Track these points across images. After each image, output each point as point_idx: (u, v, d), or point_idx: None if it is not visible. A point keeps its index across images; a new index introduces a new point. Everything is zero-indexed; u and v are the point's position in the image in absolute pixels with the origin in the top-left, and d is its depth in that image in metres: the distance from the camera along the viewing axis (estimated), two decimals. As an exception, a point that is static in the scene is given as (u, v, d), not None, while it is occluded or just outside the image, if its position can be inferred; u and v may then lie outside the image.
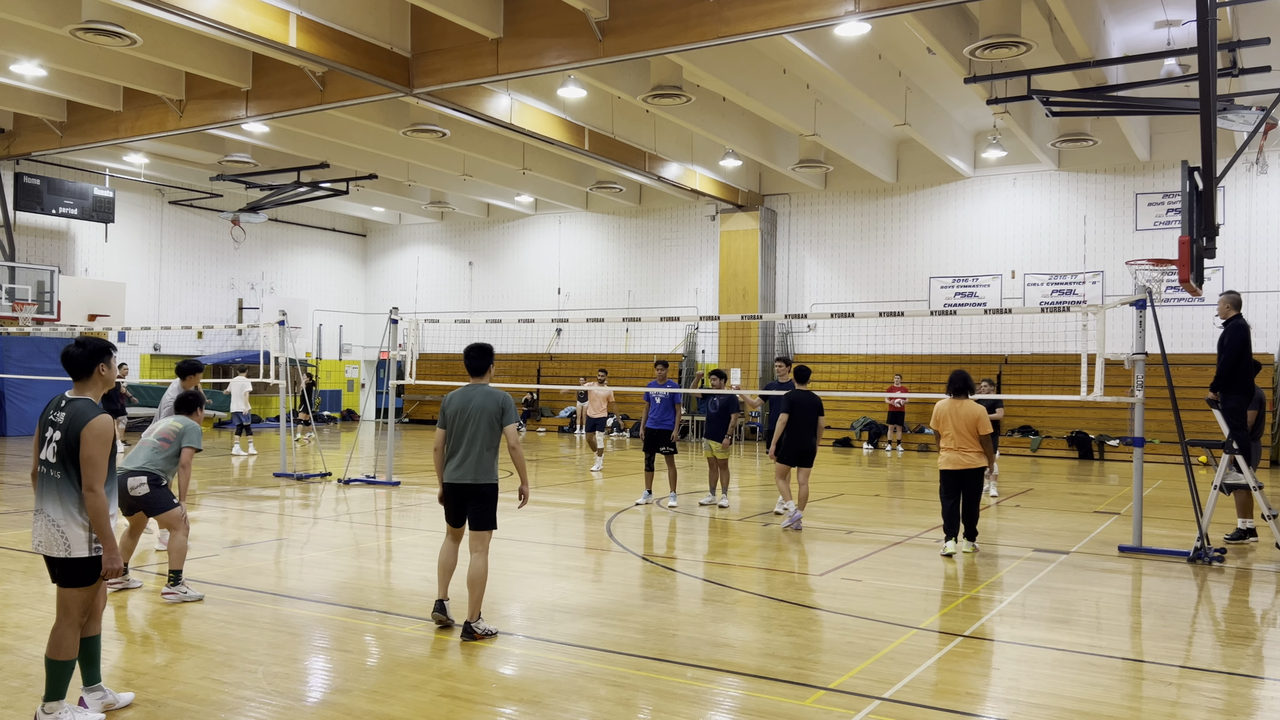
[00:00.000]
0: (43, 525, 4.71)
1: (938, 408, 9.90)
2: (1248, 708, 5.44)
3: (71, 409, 4.70)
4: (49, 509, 4.70)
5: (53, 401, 4.84)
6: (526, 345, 30.32)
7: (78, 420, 4.65)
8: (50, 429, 4.73)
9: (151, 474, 7.51)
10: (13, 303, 23.20)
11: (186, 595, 7.34)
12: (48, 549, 4.70)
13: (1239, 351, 10.00)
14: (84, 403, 4.73)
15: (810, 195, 27.16)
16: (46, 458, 4.74)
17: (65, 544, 4.67)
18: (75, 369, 4.82)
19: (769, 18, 13.65)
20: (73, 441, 4.64)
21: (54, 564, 4.75)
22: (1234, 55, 14.28)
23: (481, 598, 6.54)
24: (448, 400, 6.71)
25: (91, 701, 4.96)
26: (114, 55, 17.68)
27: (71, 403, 4.73)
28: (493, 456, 6.61)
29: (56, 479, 4.69)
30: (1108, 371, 10.38)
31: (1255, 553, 10.05)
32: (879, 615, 7.25)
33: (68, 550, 4.67)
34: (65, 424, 4.67)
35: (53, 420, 4.73)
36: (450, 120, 20.72)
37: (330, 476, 15.52)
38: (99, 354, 4.83)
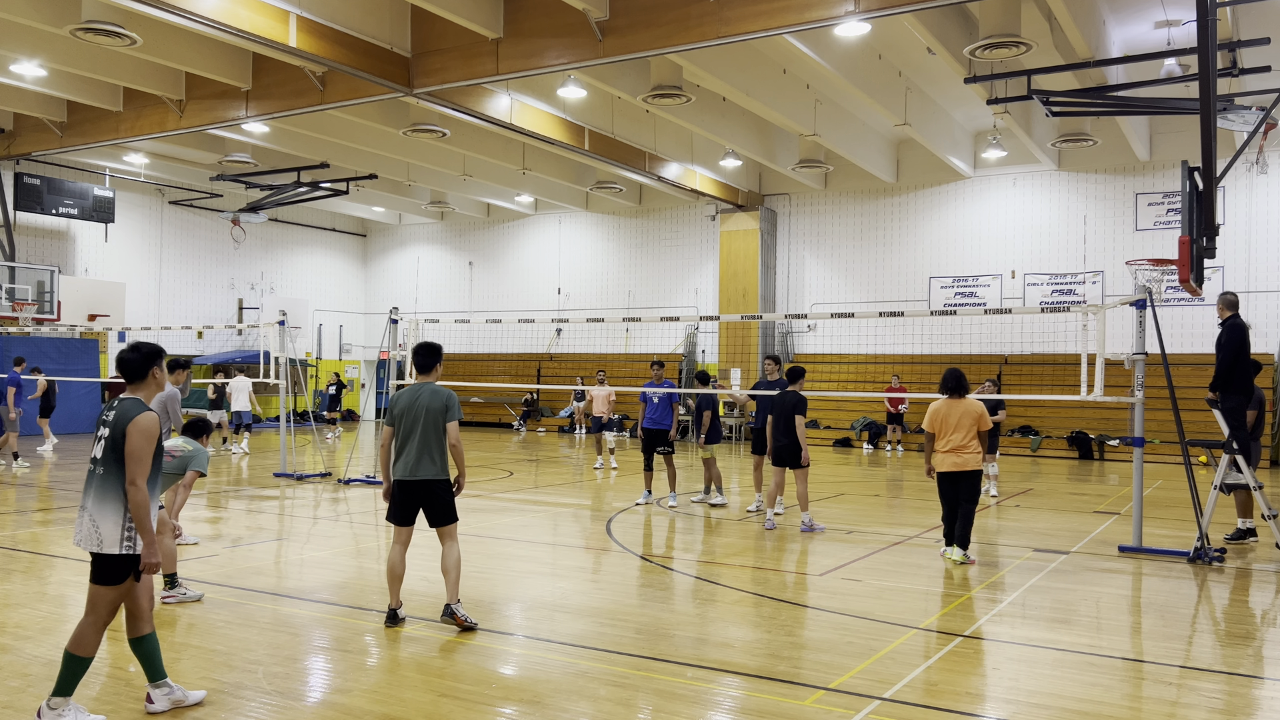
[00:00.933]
0: (83, 521, 4.79)
1: (933, 409, 9.54)
2: (1248, 708, 5.44)
3: (120, 408, 4.82)
4: (89, 504, 4.79)
5: (107, 403, 5.00)
6: (526, 345, 30.33)
7: (124, 418, 4.76)
8: (101, 427, 4.86)
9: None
10: (13, 303, 23.21)
11: (186, 595, 7.35)
12: (85, 544, 4.78)
13: (1236, 351, 9.99)
14: (132, 402, 4.85)
15: (810, 195, 27.16)
16: (95, 455, 4.86)
17: (99, 539, 4.74)
18: (129, 372, 4.96)
19: (769, 18, 13.65)
20: (118, 438, 4.74)
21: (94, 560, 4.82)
22: (1234, 55, 14.28)
23: (459, 580, 6.73)
24: (395, 398, 6.80)
25: (158, 697, 5.02)
26: (114, 55, 17.68)
27: (121, 402, 4.86)
28: (441, 453, 6.71)
29: (100, 475, 4.80)
30: (1108, 371, 10.37)
31: (1255, 553, 10.05)
32: (879, 615, 7.25)
33: (99, 545, 4.73)
34: (113, 422, 4.79)
35: (104, 419, 4.87)
36: (450, 120, 20.72)
37: (330, 476, 15.52)
38: (153, 357, 4.98)
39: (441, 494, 6.71)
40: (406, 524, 6.79)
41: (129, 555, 4.76)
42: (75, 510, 12.18)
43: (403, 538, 6.83)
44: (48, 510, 12.18)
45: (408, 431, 6.66)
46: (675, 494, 12.99)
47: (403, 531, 6.82)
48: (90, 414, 24.99)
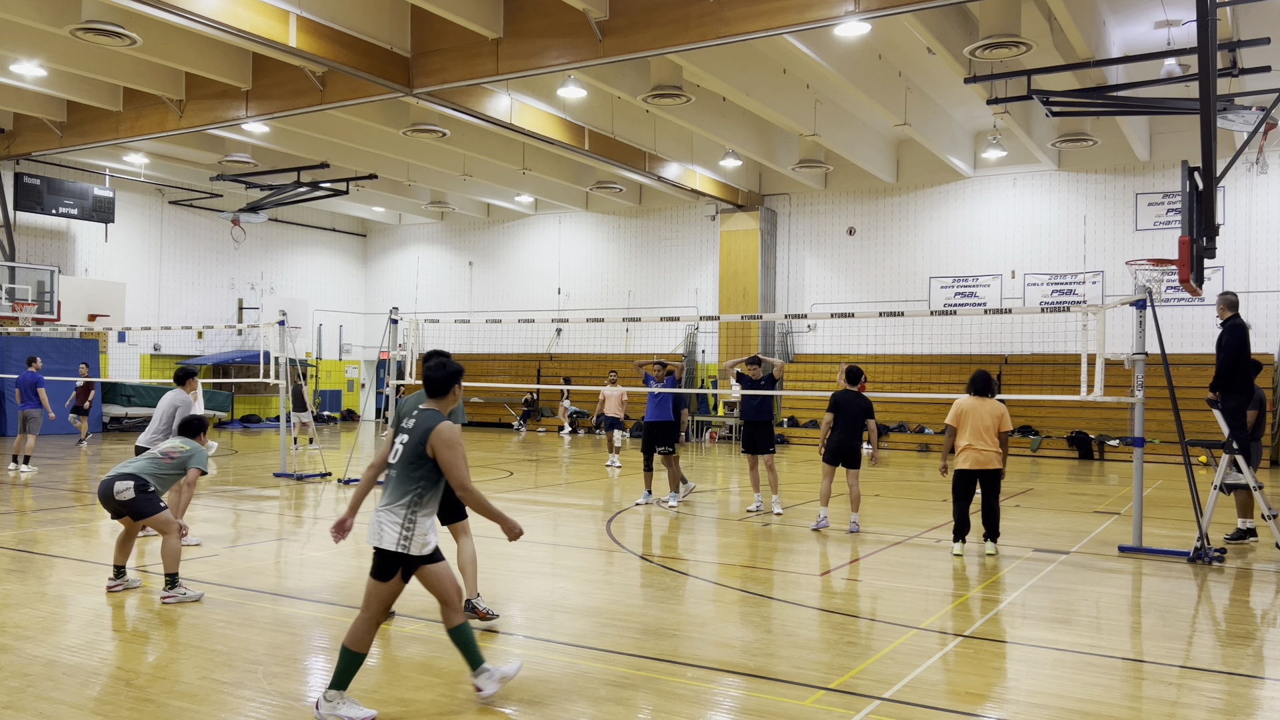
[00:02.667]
0: (377, 517, 5.07)
1: (958, 404, 9.72)
2: (1248, 708, 5.44)
3: (420, 418, 5.15)
4: (382, 503, 5.09)
5: (406, 407, 5.35)
6: (526, 345, 30.33)
7: (422, 428, 5.09)
8: (401, 434, 5.20)
9: (139, 479, 7.46)
10: (13, 303, 23.21)
11: (185, 596, 7.34)
12: (372, 539, 5.05)
13: (1237, 351, 9.99)
14: (431, 413, 5.16)
15: (810, 195, 27.16)
16: (391, 459, 5.19)
17: (379, 535, 5.01)
18: (434, 388, 5.32)
19: (769, 18, 13.66)
20: (417, 445, 5.06)
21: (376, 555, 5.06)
22: (1234, 55, 14.29)
23: (476, 575, 6.76)
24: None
25: (484, 684, 5.21)
26: (114, 55, 17.68)
27: (422, 413, 5.18)
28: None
29: (393, 477, 5.12)
30: (1108, 371, 10.37)
31: (1255, 553, 10.05)
32: (879, 615, 7.25)
33: (379, 540, 5.00)
34: (413, 430, 5.12)
35: (404, 427, 5.20)
36: (450, 120, 20.73)
37: (330, 476, 15.52)
38: (456, 376, 5.38)
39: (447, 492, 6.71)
40: None
41: (402, 554, 4.97)
42: (75, 510, 12.21)
43: None
44: (48, 510, 12.19)
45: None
46: (676, 494, 12.99)
47: None
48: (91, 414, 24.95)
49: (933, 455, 22.91)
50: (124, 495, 7.40)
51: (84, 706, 5.10)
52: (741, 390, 12.42)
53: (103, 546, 9.81)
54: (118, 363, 27.61)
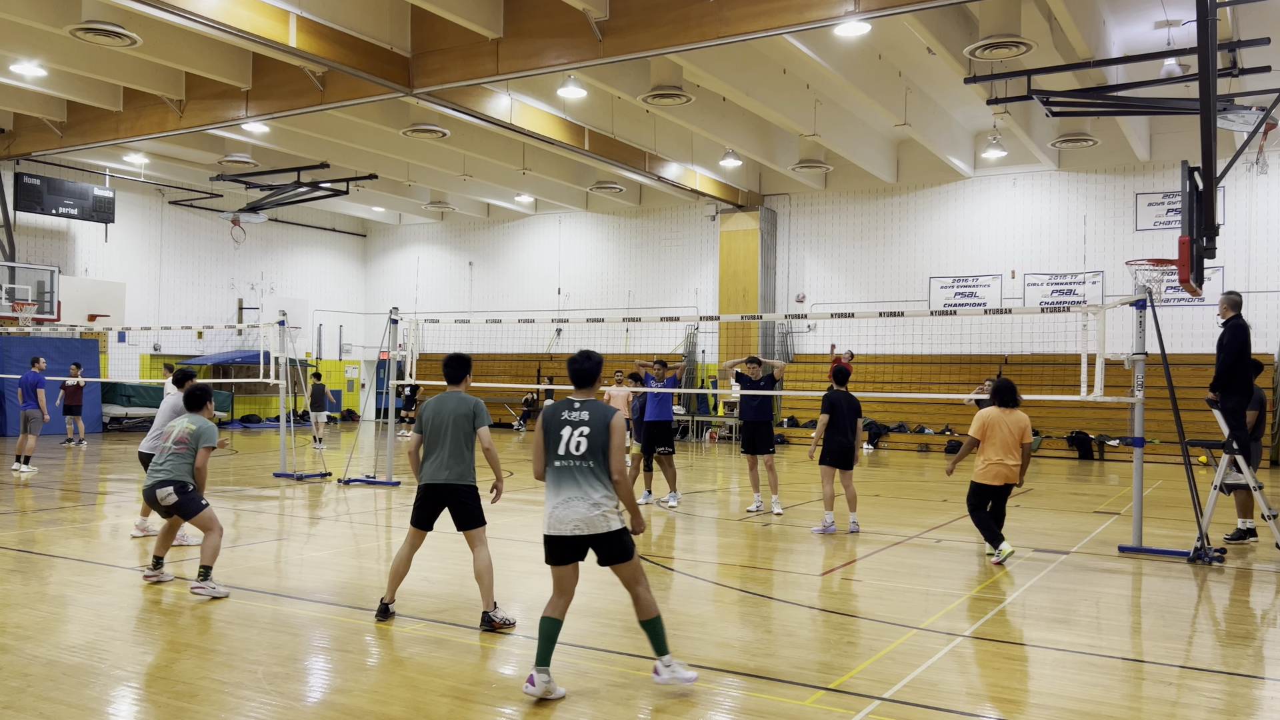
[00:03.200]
0: (585, 509, 5.32)
1: (984, 417, 9.15)
2: (1248, 708, 5.44)
3: (593, 409, 5.42)
4: (590, 494, 5.33)
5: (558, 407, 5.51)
6: (526, 345, 30.33)
7: (602, 419, 5.39)
8: (568, 428, 5.40)
9: (178, 482, 7.71)
10: (13, 303, 23.21)
11: (215, 591, 7.49)
12: (591, 528, 5.31)
13: (1238, 351, 9.99)
14: (600, 404, 5.47)
15: (810, 195, 27.16)
16: (572, 452, 5.37)
17: (606, 522, 5.34)
18: (583, 379, 5.59)
19: (769, 18, 13.66)
20: (602, 435, 5.36)
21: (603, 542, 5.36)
22: (1234, 55, 14.29)
23: (492, 586, 6.74)
24: (425, 406, 6.94)
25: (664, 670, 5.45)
26: (114, 55, 17.68)
27: (585, 405, 5.44)
28: (470, 458, 6.85)
29: (586, 467, 5.36)
30: (1108, 371, 10.37)
31: (1255, 553, 10.05)
32: (879, 615, 7.25)
33: (606, 525, 5.34)
34: (591, 422, 5.38)
35: (570, 420, 5.42)
36: (450, 120, 20.73)
37: (330, 476, 15.52)
38: (600, 367, 5.64)
39: (466, 498, 6.75)
40: (425, 528, 6.84)
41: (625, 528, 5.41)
42: (73, 511, 12.20)
43: (417, 540, 6.87)
44: (48, 510, 12.18)
45: (437, 436, 6.76)
46: (676, 494, 12.99)
47: (419, 535, 6.86)
48: (91, 414, 24.98)
49: (933, 455, 22.91)
50: (169, 500, 7.68)
51: (84, 706, 5.10)
52: (741, 390, 12.41)
53: (103, 546, 9.81)
54: (118, 363, 27.61)
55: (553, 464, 5.45)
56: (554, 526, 5.37)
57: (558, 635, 5.39)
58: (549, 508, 5.41)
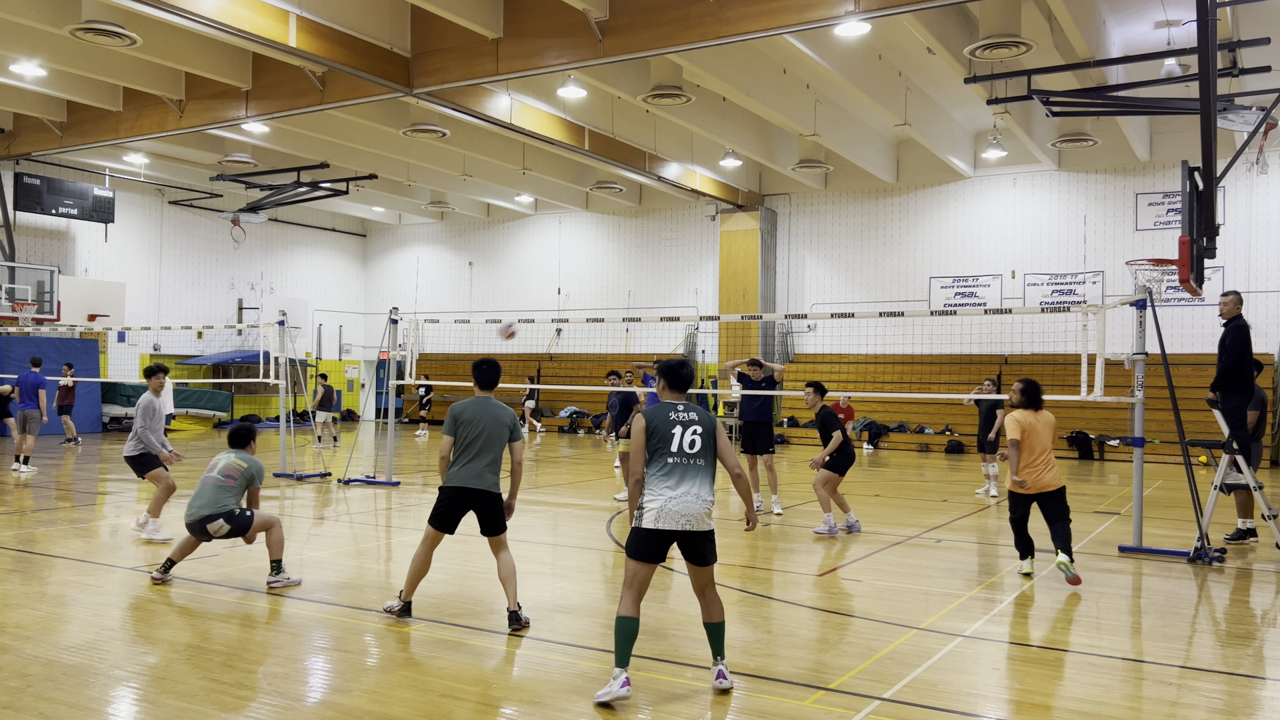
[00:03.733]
0: (699, 506, 5.46)
1: (1020, 419, 8.52)
2: (1248, 708, 5.44)
3: (700, 412, 5.65)
4: (700, 491, 5.49)
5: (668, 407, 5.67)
6: (527, 345, 30.34)
7: (710, 421, 5.66)
8: (679, 428, 5.56)
9: (226, 512, 7.88)
10: (13, 303, 23.21)
11: (289, 580, 7.88)
12: (698, 524, 5.44)
13: (1240, 352, 9.98)
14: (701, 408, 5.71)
15: (810, 195, 27.16)
16: (687, 450, 5.52)
17: (709, 520, 5.54)
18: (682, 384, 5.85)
19: (769, 18, 13.66)
20: (712, 436, 5.60)
21: (701, 538, 5.48)
22: (1234, 55, 14.29)
23: (517, 585, 6.87)
24: (460, 409, 6.85)
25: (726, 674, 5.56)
26: (114, 55, 17.68)
27: (691, 407, 5.67)
28: (499, 467, 6.89)
29: (700, 465, 5.53)
30: (1108, 371, 10.37)
31: (1255, 553, 10.05)
32: (879, 615, 7.25)
33: (709, 525, 5.52)
34: (700, 422, 5.60)
35: (680, 420, 5.58)
36: (450, 120, 20.73)
37: (330, 476, 15.52)
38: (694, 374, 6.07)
39: (496, 505, 6.82)
40: (449, 530, 6.83)
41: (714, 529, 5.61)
42: (74, 511, 12.19)
43: (436, 541, 6.86)
44: (48, 510, 12.18)
45: (472, 441, 6.77)
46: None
47: (438, 536, 6.83)
48: (91, 414, 24.99)
49: (933, 455, 22.90)
50: (221, 533, 7.88)
51: (84, 706, 5.09)
52: (742, 390, 12.40)
53: (103, 546, 9.81)
54: (117, 363, 27.61)
55: (665, 460, 5.51)
56: (661, 521, 5.38)
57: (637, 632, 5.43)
58: (659, 502, 5.41)
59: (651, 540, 5.42)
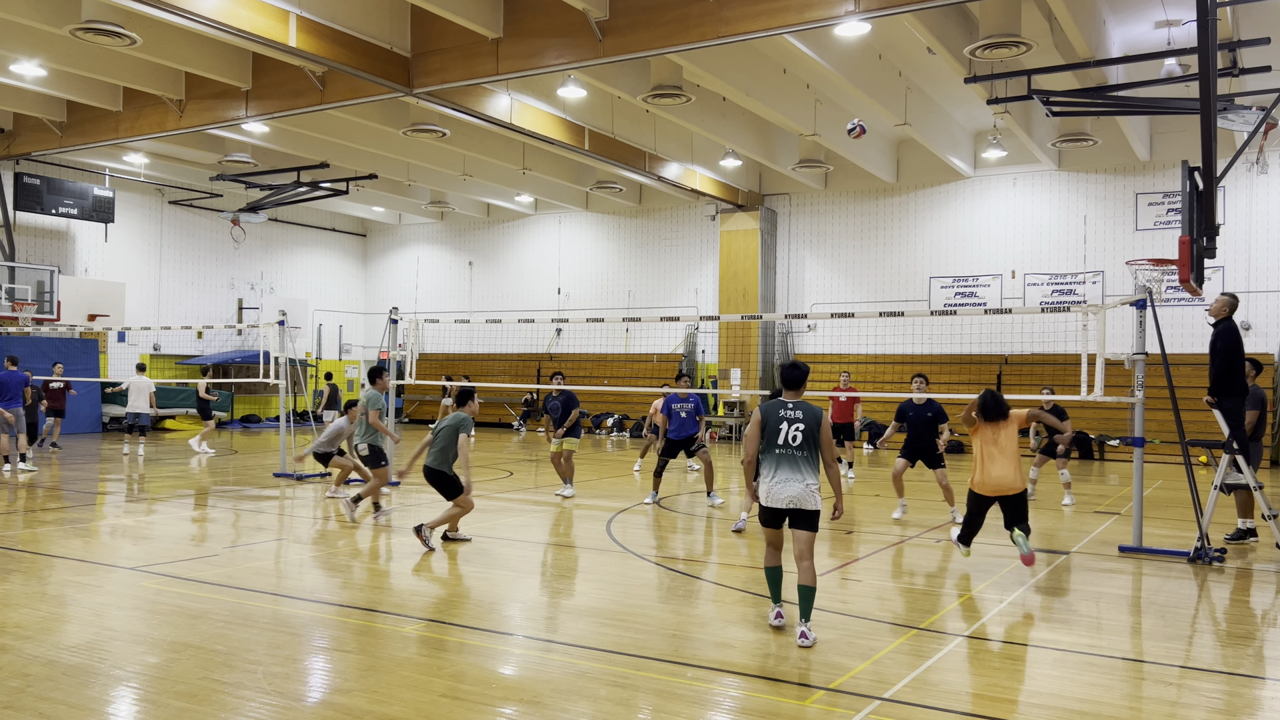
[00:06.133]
0: (800, 488, 6.52)
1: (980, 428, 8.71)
2: (1248, 708, 5.44)
3: (805, 409, 6.64)
4: (806, 478, 6.53)
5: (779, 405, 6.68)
6: (526, 345, 30.33)
7: (815, 417, 6.62)
8: (787, 424, 6.59)
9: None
10: (13, 303, 23.20)
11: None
12: (801, 504, 6.53)
13: (1232, 354, 9.98)
14: (813, 407, 6.66)
15: (810, 195, 27.16)
16: (790, 443, 6.55)
17: (814, 499, 6.54)
18: (795, 384, 6.81)
19: (769, 18, 13.65)
20: (813, 430, 6.58)
21: (804, 515, 6.58)
22: (1234, 55, 14.28)
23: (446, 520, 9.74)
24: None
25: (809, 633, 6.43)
26: (114, 55, 17.68)
27: (799, 405, 6.67)
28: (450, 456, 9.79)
29: (803, 456, 6.56)
30: (1108, 371, 10.37)
31: (1255, 553, 10.05)
32: (879, 615, 7.25)
33: (815, 503, 6.55)
34: (804, 419, 6.59)
35: (789, 417, 6.61)
36: (450, 120, 20.72)
37: (330, 477, 15.51)
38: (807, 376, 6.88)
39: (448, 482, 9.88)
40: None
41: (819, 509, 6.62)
42: (75, 510, 12.20)
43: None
44: (48, 511, 12.18)
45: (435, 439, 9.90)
46: (714, 493, 13.05)
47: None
48: (90, 414, 24.99)
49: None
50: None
51: (84, 706, 5.10)
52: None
53: (103, 546, 9.81)
54: (117, 363, 27.60)
55: (772, 451, 6.58)
56: (771, 500, 6.54)
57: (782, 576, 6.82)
58: (766, 485, 6.56)
59: (767, 513, 6.65)
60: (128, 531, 10.58)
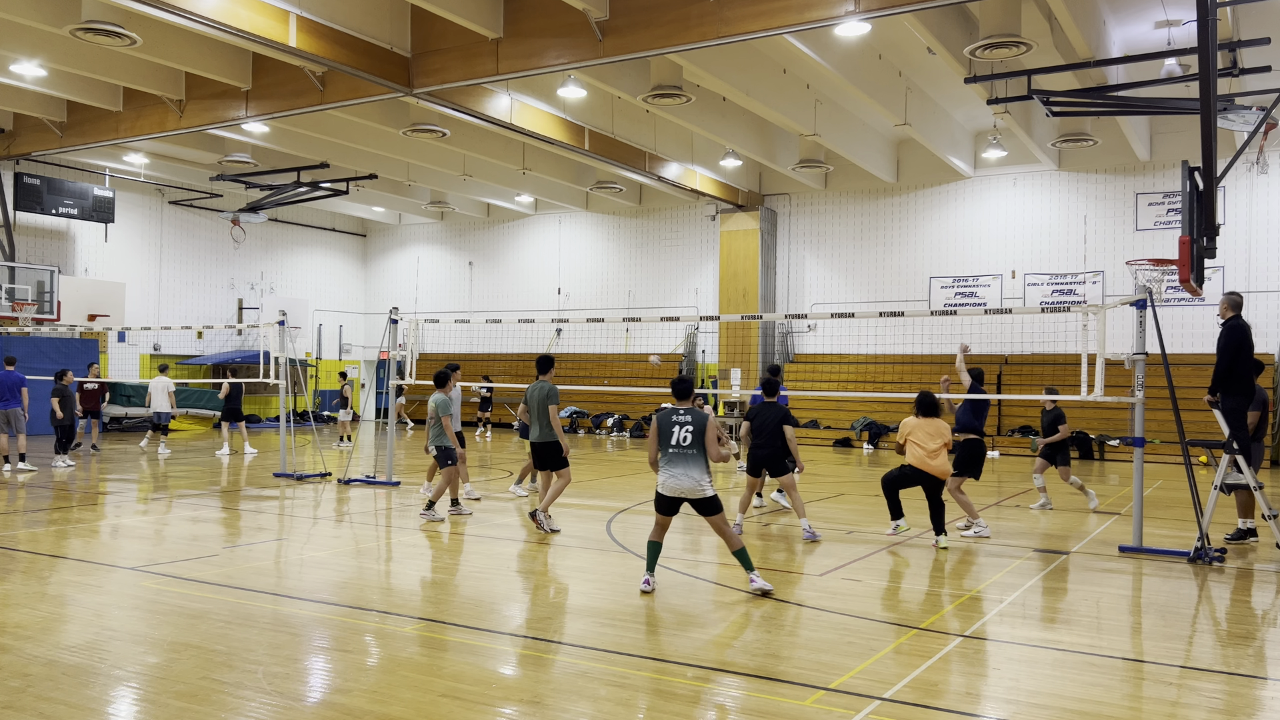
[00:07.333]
0: (689, 482, 7.60)
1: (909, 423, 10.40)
2: (1248, 708, 5.44)
3: (694, 415, 7.70)
4: (691, 472, 7.60)
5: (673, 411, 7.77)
6: (526, 345, 30.34)
7: (701, 419, 7.66)
8: (678, 428, 7.67)
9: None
10: (13, 303, 23.20)
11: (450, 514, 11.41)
12: (691, 494, 7.62)
13: (1234, 353, 9.96)
14: (699, 412, 7.72)
15: (810, 195, 27.16)
16: (679, 443, 7.63)
17: (702, 489, 7.60)
18: (683, 394, 7.93)
19: (769, 18, 13.66)
20: (701, 431, 7.61)
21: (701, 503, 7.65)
22: (1234, 55, 14.28)
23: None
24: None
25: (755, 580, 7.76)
26: (114, 55, 17.68)
27: (690, 412, 7.73)
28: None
29: (693, 454, 7.62)
30: (1108, 371, 10.37)
31: (1255, 553, 10.05)
32: (879, 615, 7.25)
33: (704, 492, 7.61)
34: (692, 422, 7.64)
35: (679, 421, 7.70)
36: (450, 120, 20.72)
37: (330, 476, 15.52)
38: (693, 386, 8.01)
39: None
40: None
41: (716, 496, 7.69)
42: (74, 510, 12.21)
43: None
44: (47, 510, 12.18)
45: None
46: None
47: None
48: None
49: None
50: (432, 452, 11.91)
51: (84, 706, 5.10)
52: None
53: (103, 546, 9.81)
54: (118, 363, 27.61)
55: (667, 450, 7.67)
56: (665, 489, 7.67)
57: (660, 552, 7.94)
58: (662, 478, 7.70)
59: (660, 500, 7.73)
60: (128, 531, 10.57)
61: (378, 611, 7.11)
